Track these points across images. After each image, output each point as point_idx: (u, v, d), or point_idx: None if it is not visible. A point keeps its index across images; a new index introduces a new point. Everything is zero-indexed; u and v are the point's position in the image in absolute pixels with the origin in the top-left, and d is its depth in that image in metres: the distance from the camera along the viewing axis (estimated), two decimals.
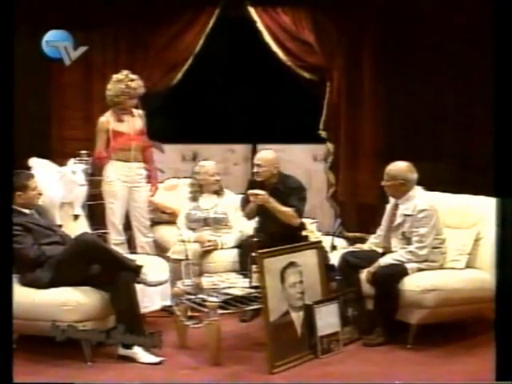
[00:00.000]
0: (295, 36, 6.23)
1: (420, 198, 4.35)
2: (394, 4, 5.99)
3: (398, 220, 4.38)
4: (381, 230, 4.56)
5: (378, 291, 4.20)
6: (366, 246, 4.66)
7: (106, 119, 5.15)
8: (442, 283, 4.16)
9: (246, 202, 4.95)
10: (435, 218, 4.32)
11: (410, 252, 4.23)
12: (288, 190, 4.79)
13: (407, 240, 4.32)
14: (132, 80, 5.11)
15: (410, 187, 4.38)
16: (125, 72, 5.16)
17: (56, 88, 6.23)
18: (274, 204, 4.71)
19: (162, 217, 5.62)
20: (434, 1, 6.02)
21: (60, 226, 4.56)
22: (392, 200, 4.49)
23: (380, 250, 4.47)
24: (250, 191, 4.77)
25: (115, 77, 5.14)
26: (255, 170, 4.90)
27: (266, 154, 4.93)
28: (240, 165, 6.77)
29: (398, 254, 4.27)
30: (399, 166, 4.42)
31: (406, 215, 4.34)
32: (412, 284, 4.14)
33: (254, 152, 6.18)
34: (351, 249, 4.81)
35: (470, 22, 5.80)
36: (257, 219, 5.02)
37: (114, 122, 5.13)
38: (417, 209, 4.29)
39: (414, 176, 4.40)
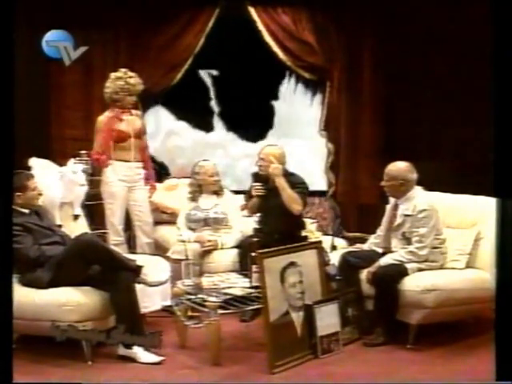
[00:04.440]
0: (295, 36, 6.23)
1: (420, 198, 4.35)
2: (394, 4, 5.99)
3: (398, 220, 4.38)
4: (381, 231, 4.56)
5: (378, 291, 4.19)
6: (365, 246, 4.66)
7: (106, 118, 5.15)
8: (442, 283, 4.15)
9: (249, 196, 4.97)
10: (435, 218, 4.32)
11: (411, 252, 4.23)
12: (291, 184, 4.79)
13: (407, 240, 4.31)
14: (131, 77, 5.13)
15: (409, 187, 4.38)
16: (123, 70, 5.18)
17: (56, 88, 6.23)
18: (282, 181, 4.73)
19: (162, 217, 5.63)
20: (433, 1, 6.01)
21: (60, 226, 4.56)
22: (392, 200, 4.50)
23: (380, 250, 4.47)
24: (253, 185, 4.81)
25: (113, 75, 5.16)
26: (259, 163, 4.92)
27: (271, 149, 4.94)
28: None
29: (398, 254, 4.27)
30: (399, 167, 4.42)
31: (405, 215, 4.34)
32: (412, 284, 4.13)
33: None
34: (351, 249, 4.81)
35: (470, 22, 5.79)
36: (257, 218, 5.03)
37: (114, 121, 5.14)
38: (417, 209, 4.28)
39: (414, 176, 4.40)
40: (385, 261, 4.26)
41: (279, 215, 4.79)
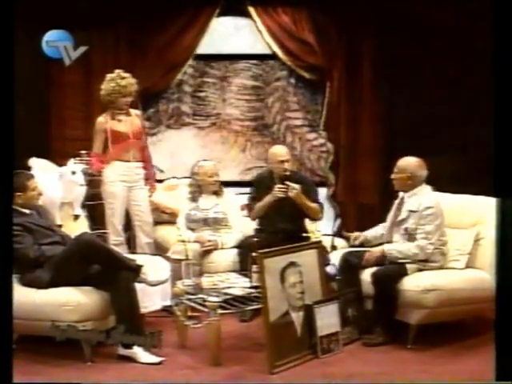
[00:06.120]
0: (295, 36, 6.22)
1: (427, 196, 4.35)
2: (394, 4, 5.99)
3: (403, 215, 4.37)
4: (383, 227, 4.54)
5: (377, 291, 4.19)
6: (367, 233, 4.61)
7: (104, 119, 5.15)
8: (442, 283, 4.16)
9: (254, 199, 4.99)
10: (440, 218, 4.31)
11: (418, 246, 4.22)
12: (302, 186, 4.82)
13: (409, 236, 4.30)
14: (122, 78, 5.11)
15: (417, 182, 4.38)
16: (117, 71, 5.17)
17: (56, 88, 6.22)
18: (304, 199, 4.81)
19: (162, 217, 5.62)
20: (433, 2, 6.01)
21: (60, 226, 4.57)
22: (400, 195, 4.49)
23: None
24: (278, 186, 4.79)
25: (108, 76, 5.15)
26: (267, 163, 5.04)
27: (277, 149, 5.02)
28: None
29: (405, 245, 4.26)
30: (409, 161, 4.43)
31: (410, 211, 4.33)
32: (412, 284, 4.13)
33: None
34: (351, 249, 4.81)
35: (471, 20, 5.79)
36: (259, 219, 5.02)
37: (112, 122, 5.13)
38: (423, 206, 4.28)
39: (423, 172, 4.40)
40: (389, 248, 4.28)
41: (284, 216, 4.82)
